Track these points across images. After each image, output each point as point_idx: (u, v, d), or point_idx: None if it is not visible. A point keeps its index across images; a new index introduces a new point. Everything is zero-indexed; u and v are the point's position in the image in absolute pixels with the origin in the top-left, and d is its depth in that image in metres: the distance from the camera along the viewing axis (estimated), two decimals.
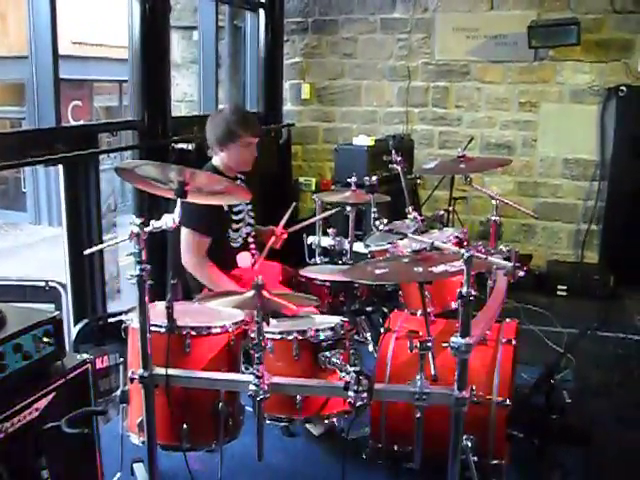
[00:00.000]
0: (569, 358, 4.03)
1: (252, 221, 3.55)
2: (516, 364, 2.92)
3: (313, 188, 6.46)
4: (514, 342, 2.80)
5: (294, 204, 3.76)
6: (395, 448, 2.81)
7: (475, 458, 2.58)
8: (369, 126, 6.46)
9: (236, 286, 3.19)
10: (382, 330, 2.99)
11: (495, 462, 2.69)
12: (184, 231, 3.21)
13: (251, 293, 2.35)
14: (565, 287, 5.67)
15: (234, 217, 3.39)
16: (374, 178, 3.43)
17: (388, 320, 3.04)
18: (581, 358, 4.11)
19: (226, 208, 3.37)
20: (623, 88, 5.59)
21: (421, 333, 2.79)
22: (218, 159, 3.44)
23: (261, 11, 6.02)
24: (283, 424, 3.07)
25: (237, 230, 3.42)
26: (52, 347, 2.24)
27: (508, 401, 2.66)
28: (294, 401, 2.57)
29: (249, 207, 3.52)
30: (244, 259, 3.36)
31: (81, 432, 2.21)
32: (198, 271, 3.26)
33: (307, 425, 3.09)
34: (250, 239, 3.50)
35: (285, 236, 3.58)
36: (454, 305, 2.88)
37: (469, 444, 2.49)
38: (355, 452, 2.90)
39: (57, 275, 3.85)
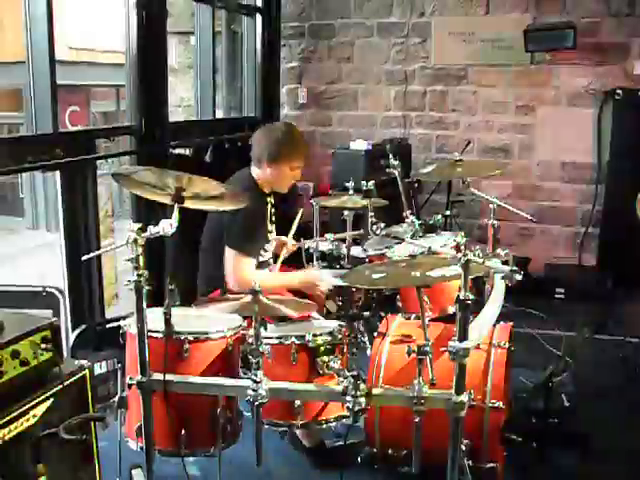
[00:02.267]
0: (568, 361, 4.03)
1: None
2: (511, 367, 2.91)
3: (311, 192, 6.46)
4: (508, 345, 2.79)
5: (301, 211, 3.74)
6: (390, 452, 2.81)
7: (470, 462, 2.58)
8: (366, 130, 6.47)
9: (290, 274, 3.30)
10: (376, 334, 3.00)
11: (490, 466, 2.69)
12: (230, 252, 3.19)
13: (248, 298, 2.36)
14: (563, 290, 5.67)
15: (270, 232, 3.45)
16: (371, 182, 3.43)
17: (382, 324, 3.04)
18: (580, 361, 4.11)
19: (270, 227, 3.43)
20: (619, 91, 5.60)
21: (415, 337, 2.81)
22: (260, 172, 3.39)
23: (258, 16, 6.03)
24: (282, 429, 3.07)
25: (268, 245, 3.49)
26: (50, 353, 2.23)
27: (502, 405, 2.65)
28: (292, 406, 2.57)
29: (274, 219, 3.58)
30: None
31: (79, 438, 2.21)
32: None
33: (298, 433, 3.08)
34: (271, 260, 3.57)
35: (295, 248, 3.63)
36: (451, 309, 2.88)
37: (463, 448, 2.48)
38: (352, 457, 2.90)
39: (55, 281, 3.85)
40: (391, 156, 3.60)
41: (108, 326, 3.62)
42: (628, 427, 3.47)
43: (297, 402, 2.57)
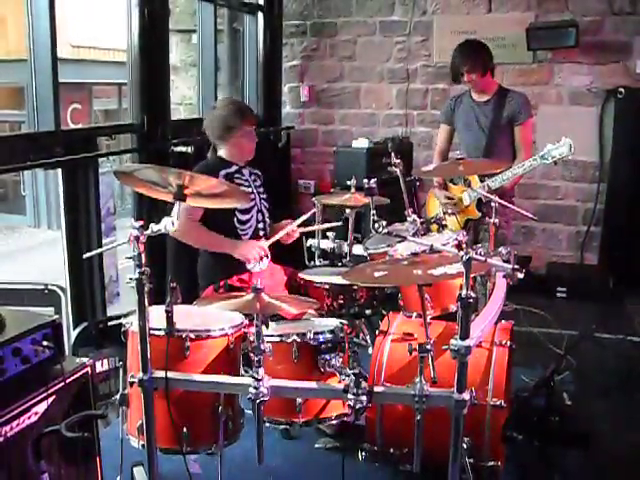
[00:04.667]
0: (569, 360, 4.03)
1: (267, 214, 3.59)
2: (512, 365, 2.91)
3: (312, 191, 6.47)
4: (509, 344, 2.80)
5: (314, 211, 3.72)
6: (391, 450, 2.81)
7: (471, 460, 2.58)
8: (368, 128, 6.47)
9: (224, 239, 3.34)
10: (377, 332, 3.00)
11: (491, 464, 2.69)
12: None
13: (251, 296, 2.36)
14: (565, 289, 5.67)
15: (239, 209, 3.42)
16: (373, 180, 3.43)
17: (383, 322, 3.04)
18: (581, 360, 4.11)
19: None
20: (622, 90, 5.60)
21: (416, 335, 2.81)
22: (223, 151, 3.54)
23: (260, 14, 6.03)
24: (283, 427, 3.07)
25: (244, 222, 3.44)
26: (51, 351, 2.24)
27: (503, 403, 2.66)
28: (294, 404, 2.57)
29: (263, 197, 3.58)
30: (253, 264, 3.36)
31: (81, 436, 2.22)
32: (186, 236, 3.34)
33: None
34: (261, 231, 3.51)
35: (297, 235, 3.62)
36: (453, 308, 2.88)
37: (464, 446, 2.49)
38: (354, 455, 2.90)
39: (56, 278, 3.86)
40: (393, 154, 3.59)
41: (109, 324, 3.63)
42: (629, 426, 3.47)
43: (298, 400, 2.57)
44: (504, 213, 3.89)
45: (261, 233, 3.52)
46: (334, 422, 2.74)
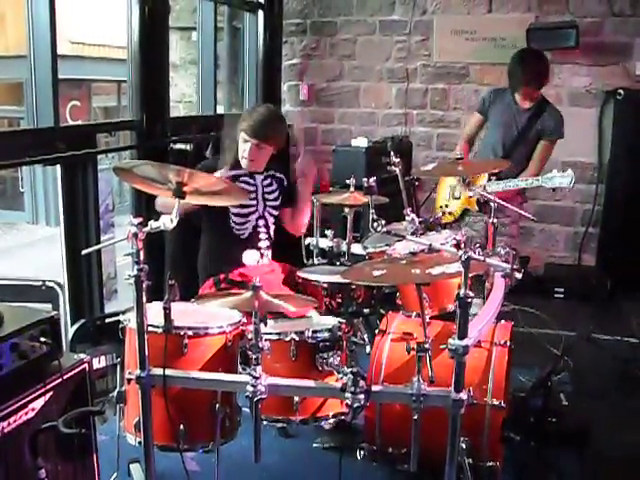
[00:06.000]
0: (566, 361, 4.03)
1: (271, 219, 3.55)
2: (511, 366, 2.92)
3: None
4: (509, 344, 2.80)
5: None
6: (390, 450, 2.81)
7: (470, 460, 2.58)
8: (367, 128, 6.47)
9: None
10: (377, 331, 3.00)
11: (490, 464, 2.69)
12: None
13: (249, 294, 2.36)
14: (562, 290, 5.68)
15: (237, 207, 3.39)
16: (373, 179, 3.43)
17: (383, 321, 3.04)
18: (578, 361, 4.11)
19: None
20: (621, 91, 5.60)
21: (416, 335, 2.81)
22: None
23: (260, 12, 6.03)
24: (280, 425, 3.07)
25: (241, 224, 3.42)
26: (49, 347, 2.23)
27: (502, 403, 2.66)
28: (291, 402, 2.57)
29: (270, 205, 3.54)
30: (250, 257, 3.35)
31: (78, 432, 2.21)
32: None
33: None
34: (262, 234, 3.48)
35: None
36: (451, 307, 2.88)
37: (463, 446, 2.49)
38: (351, 454, 2.90)
39: (54, 275, 3.85)
40: (392, 154, 3.59)
41: (107, 321, 3.62)
42: (626, 426, 3.47)
43: (296, 398, 2.56)
44: (509, 213, 3.98)
45: (262, 236, 3.49)
46: (331, 421, 2.73)
